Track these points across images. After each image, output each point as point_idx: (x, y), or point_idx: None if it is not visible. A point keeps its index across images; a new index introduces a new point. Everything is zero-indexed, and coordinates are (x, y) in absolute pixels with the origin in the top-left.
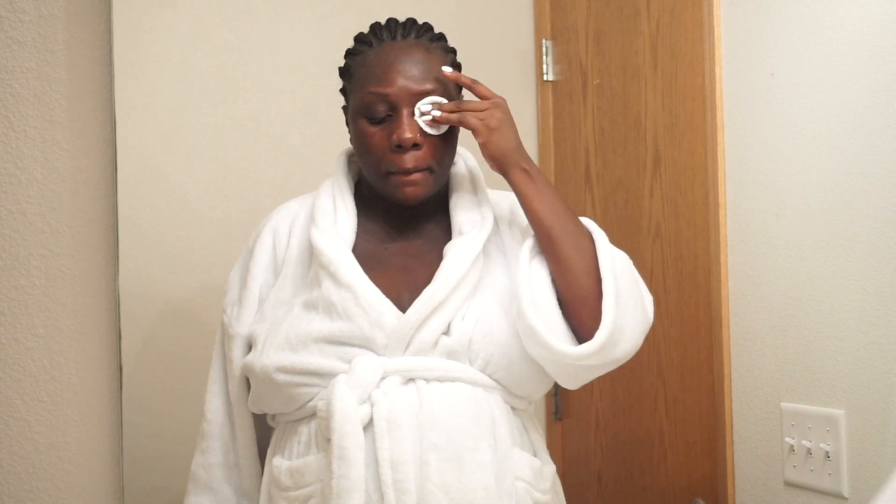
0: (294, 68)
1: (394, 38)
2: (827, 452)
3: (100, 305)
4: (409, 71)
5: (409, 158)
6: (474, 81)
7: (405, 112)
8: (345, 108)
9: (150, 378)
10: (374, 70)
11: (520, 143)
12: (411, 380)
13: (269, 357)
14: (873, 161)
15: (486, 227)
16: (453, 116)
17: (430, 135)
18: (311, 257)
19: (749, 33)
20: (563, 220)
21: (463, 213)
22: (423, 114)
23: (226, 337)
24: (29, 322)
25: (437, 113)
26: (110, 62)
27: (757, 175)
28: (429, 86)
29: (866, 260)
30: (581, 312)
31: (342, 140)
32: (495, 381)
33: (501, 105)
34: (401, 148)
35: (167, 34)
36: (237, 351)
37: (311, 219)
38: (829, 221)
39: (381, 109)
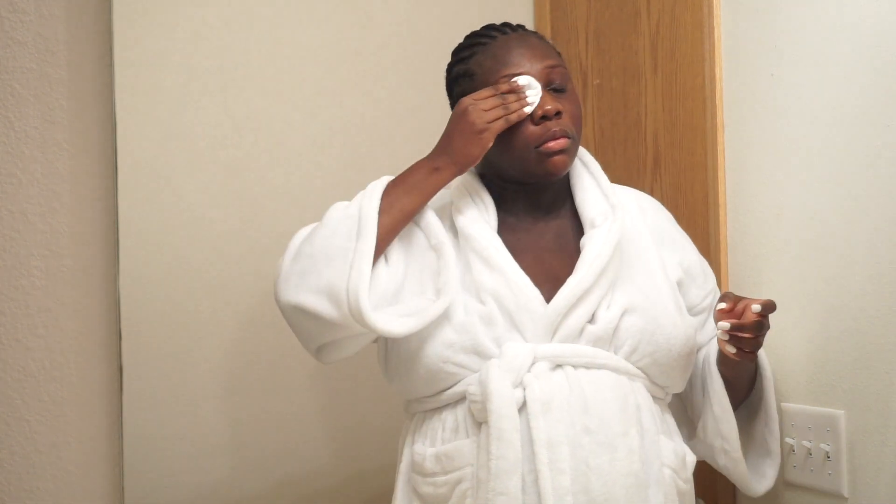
0: (294, 68)
1: (505, 33)
2: (827, 452)
3: (100, 305)
4: (534, 51)
5: (554, 124)
6: (748, 300)
7: (540, 86)
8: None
9: (150, 378)
10: (503, 57)
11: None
12: (559, 366)
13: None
14: (873, 161)
15: (619, 217)
16: (730, 349)
17: (565, 103)
18: (456, 245)
19: (749, 33)
20: (745, 382)
21: (593, 208)
22: (722, 330)
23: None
24: (29, 322)
25: (726, 326)
26: (110, 62)
27: (757, 175)
28: (552, 60)
29: (866, 260)
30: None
31: (342, 140)
32: (640, 368)
33: (767, 324)
34: (545, 119)
35: (167, 34)
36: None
37: (455, 208)
38: (829, 221)
39: None
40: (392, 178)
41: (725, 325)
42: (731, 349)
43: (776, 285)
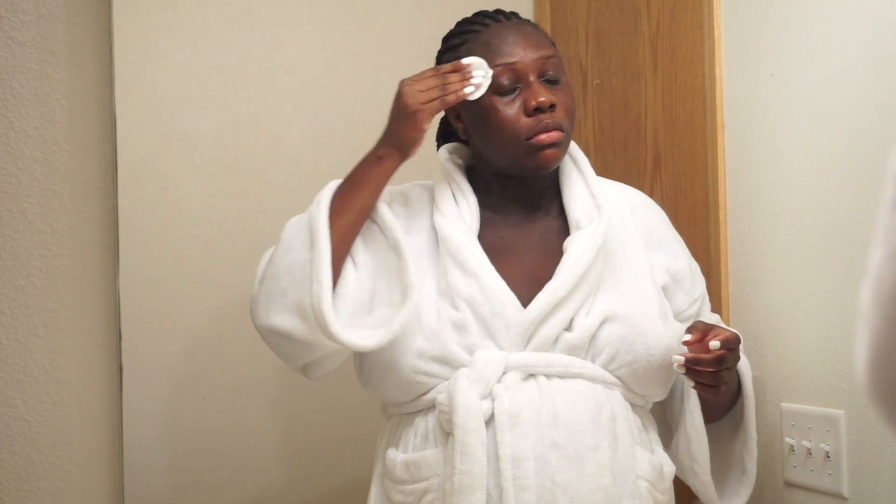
0: (294, 68)
1: (498, 21)
2: (827, 452)
3: (100, 305)
4: (528, 40)
5: (547, 117)
6: (714, 334)
7: (533, 78)
8: None
9: (150, 378)
10: (495, 46)
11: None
12: (532, 375)
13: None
14: (873, 161)
15: (604, 219)
16: (693, 380)
17: (559, 95)
18: (435, 245)
19: (749, 33)
20: (723, 402)
21: (579, 207)
22: (680, 364)
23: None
24: (29, 322)
25: (680, 360)
26: (110, 62)
27: (757, 175)
28: (548, 50)
29: (866, 260)
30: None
31: (342, 140)
32: (617, 377)
33: (731, 360)
34: (539, 111)
35: (167, 34)
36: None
37: (436, 206)
38: (829, 221)
39: (508, 81)
40: (340, 180)
41: (679, 358)
42: (689, 382)
43: (776, 285)
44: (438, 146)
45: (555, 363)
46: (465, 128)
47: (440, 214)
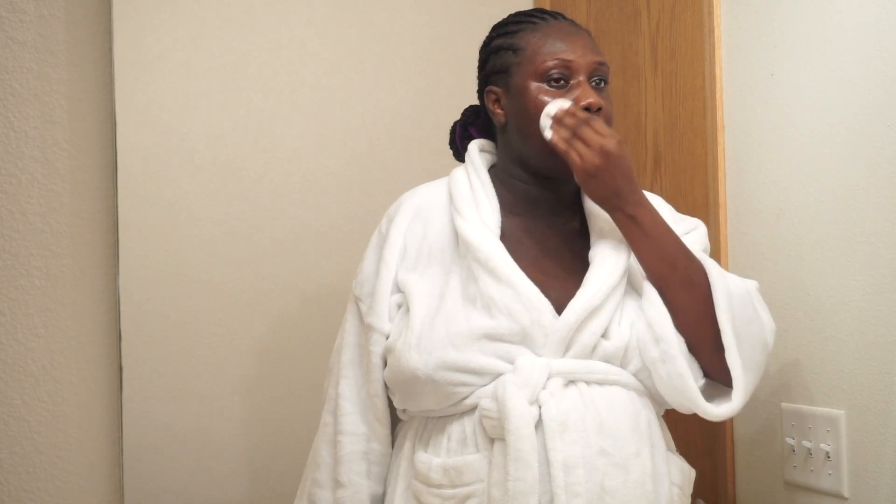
0: (294, 68)
1: (556, 19)
2: (827, 452)
3: (100, 305)
4: (586, 43)
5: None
6: (584, 122)
7: (583, 78)
8: (487, 90)
9: (150, 378)
10: (556, 38)
11: (625, 186)
12: (572, 382)
13: (431, 355)
14: (873, 161)
15: None
16: (561, 145)
17: (604, 102)
18: (455, 246)
19: (749, 33)
20: (672, 268)
21: (602, 213)
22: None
23: (364, 329)
24: (29, 322)
25: (549, 132)
26: (110, 62)
27: (757, 175)
28: (602, 57)
29: (866, 260)
30: (699, 357)
31: (342, 140)
32: (647, 387)
33: (610, 149)
34: (587, 111)
35: (167, 34)
36: (376, 347)
37: (455, 208)
38: (829, 221)
39: (561, 75)
40: None
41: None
42: (550, 135)
43: (776, 285)
44: (454, 131)
45: (594, 370)
46: (504, 115)
47: (461, 218)
